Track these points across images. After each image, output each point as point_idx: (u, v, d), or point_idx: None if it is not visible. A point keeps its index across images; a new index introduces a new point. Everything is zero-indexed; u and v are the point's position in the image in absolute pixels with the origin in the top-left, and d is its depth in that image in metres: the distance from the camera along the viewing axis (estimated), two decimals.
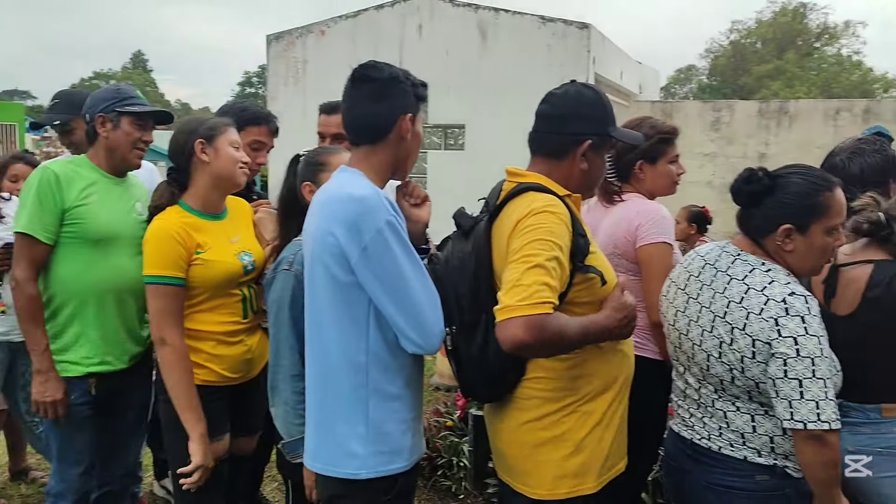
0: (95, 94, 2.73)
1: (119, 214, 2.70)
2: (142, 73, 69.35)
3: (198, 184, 2.52)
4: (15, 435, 3.89)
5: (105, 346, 2.69)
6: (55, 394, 2.61)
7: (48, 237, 2.58)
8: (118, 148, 2.70)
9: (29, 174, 3.73)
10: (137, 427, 3.00)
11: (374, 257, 1.75)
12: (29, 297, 2.58)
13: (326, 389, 1.88)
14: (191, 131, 2.50)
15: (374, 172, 1.90)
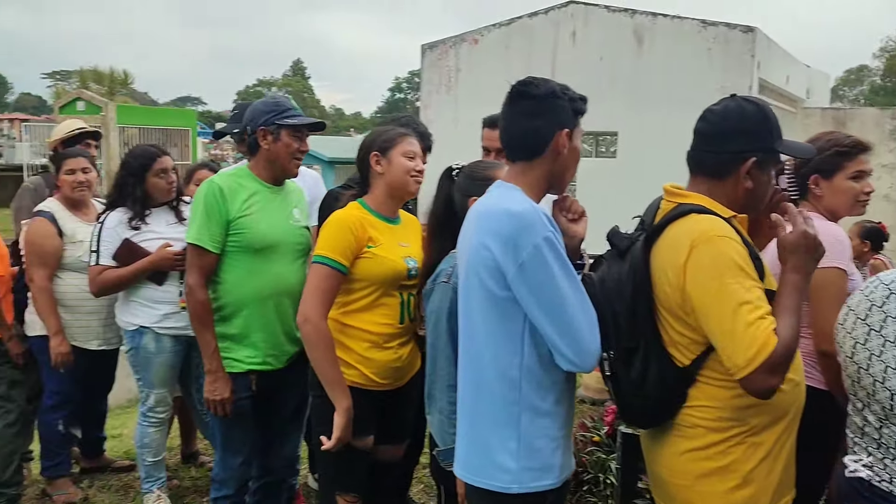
0: (255, 108, 2.87)
1: (278, 223, 2.88)
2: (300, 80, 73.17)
3: (375, 191, 2.64)
4: (187, 421, 4.20)
5: (265, 347, 2.87)
6: (223, 392, 2.81)
7: (215, 246, 2.78)
8: (278, 158, 2.85)
9: None
10: (294, 422, 3.17)
11: (531, 274, 1.75)
12: (199, 301, 2.79)
13: (479, 402, 1.89)
14: (369, 144, 2.63)
15: (530, 188, 1.89)
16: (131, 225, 3.40)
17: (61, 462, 3.85)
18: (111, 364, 3.98)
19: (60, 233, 3.63)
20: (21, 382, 3.67)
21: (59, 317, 3.60)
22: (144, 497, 3.62)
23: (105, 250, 3.38)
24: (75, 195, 3.70)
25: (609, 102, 6.13)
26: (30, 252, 3.63)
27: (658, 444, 1.95)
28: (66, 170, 3.69)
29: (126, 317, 3.45)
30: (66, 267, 3.64)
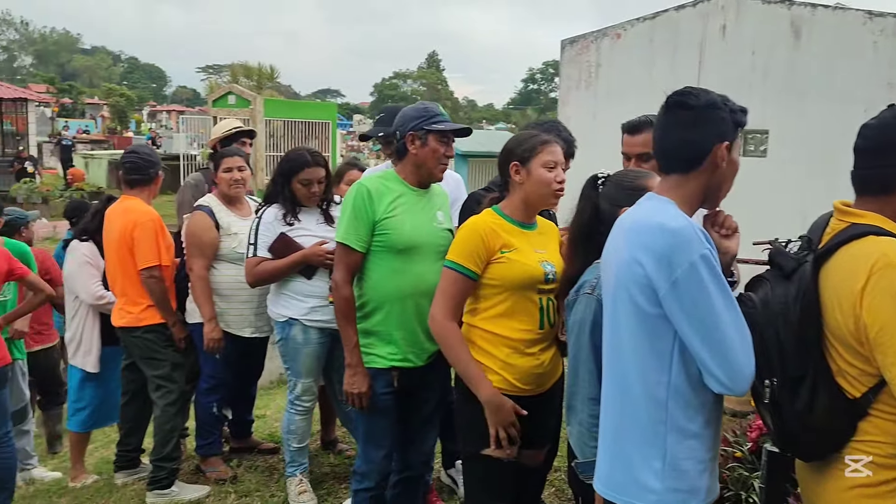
0: (405, 113, 2.96)
1: (422, 225, 2.94)
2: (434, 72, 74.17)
3: (513, 198, 2.65)
4: (328, 409, 4.38)
5: (406, 345, 2.95)
6: (361, 386, 2.91)
7: (361, 246, 2.88)
8: (425, 163, 2.92)
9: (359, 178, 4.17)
10: (433, 419, 3.23)
11: (685, 292, 1.69)
12: (344, 298, 2.91)
13: (623, 418, 1.85)
14: (510, 150, 2.62)
15: (684, 202, 1.83)
16: (286, 221, 3.57)
17: (214, 441, 4.12)
18: (261, 351, 4.22)
19: (217, 226, 3.87)
20: (181, 365, 3.96)
21: (213, 304, 3.84)
22: (287, 480, 3.80)
23: (262, 243, 3.57)
24: (231, 192, 3.93)
25: (760, 99, 5.82)
26: (190, 243, 3.89)
27: (821, 478, 1.84)
28: (224, 168, 3.92)
29: (277, 308, 3.63)
30: (222, 258, 3.88)
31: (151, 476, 3.87)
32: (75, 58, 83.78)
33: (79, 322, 4.33)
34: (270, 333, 3.98)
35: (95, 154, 26.72)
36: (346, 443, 4.46)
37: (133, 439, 4.21)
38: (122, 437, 4.21)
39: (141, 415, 4.16)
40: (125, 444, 4.19)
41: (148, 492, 3.85)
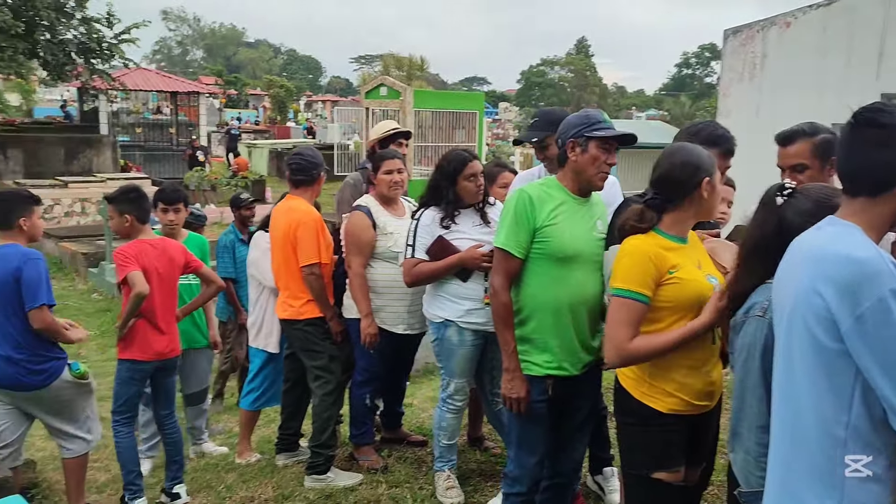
0: (568, 121, 2.95)
1: (582, 234, 2.92)
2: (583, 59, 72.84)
3: (685, 214, 2.54)
4: (476, 406, 4.44)
5: (562, 353, 2.94)
6: (520, 391, 2.94)
7: (521, 252, 2.89)
8: (585, 170, 2.89)
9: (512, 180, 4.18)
10: (584, 428, 3.22)
11: (872, 329, 1.57)
12: (503, 303, 2.94)
13: (795, 452, 1.74)
14: (698, 165, 2.50)
15: (871, 227, 1.70)
16: (443, 224, 3.65)
17: (366, 431, 4.30)
18: (413, 347, 4.34)
19: (374, 225, 4.01)
20: (338, 357, 4.15)
21: (370, 301, 3.99)
22: (436, 475, 3.90)
23: (420, 245, 3.66)
24: (390, 193, 4.06)
25: None
26: (349, 242, 4.06)
27: None
28: (384, 170, 4.05)
29: (433, 309, 3.72)
30: (378, 256, 4.02)
31: (310, 461, 4.09)
32: (240, 51, 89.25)
33: (261, 306, 4.64)
34: (423, 331, 4.09)
35: (258, 143, 28.40)
36: (493, 440, 4.51)
37: (293, 423, 4.46)
38: (283, 421, 4.47)
39: (300, 401, 4.40)
40: (286, 428, 4.45)
41: (306, 475, 4.07)
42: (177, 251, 4.16)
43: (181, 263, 4.15)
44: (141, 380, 4.10)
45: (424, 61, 29.27)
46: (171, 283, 4.11)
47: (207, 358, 5.20)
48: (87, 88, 22.63)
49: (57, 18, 18.77)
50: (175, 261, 4.10)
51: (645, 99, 71.98)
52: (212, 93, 33.37)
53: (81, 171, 19.65)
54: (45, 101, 41.57)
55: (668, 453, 2.54)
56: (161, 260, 4.03)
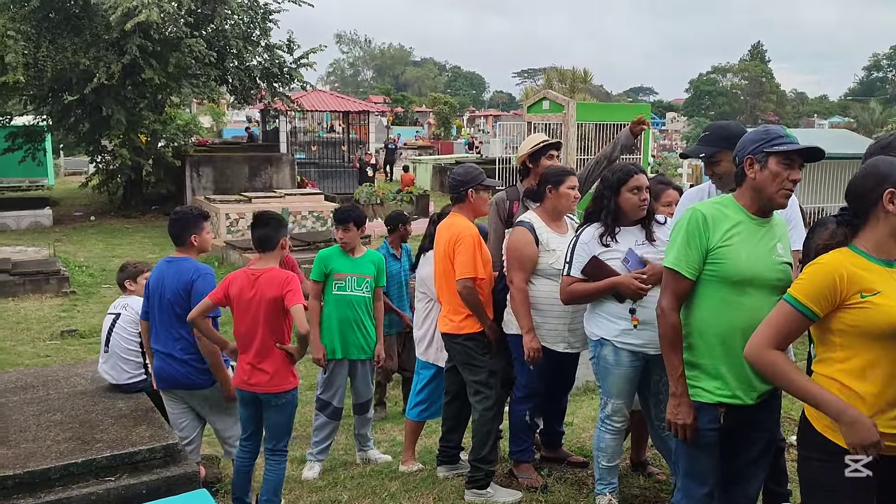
0: (746, 138, 2.83)
1: (760, 257, 2.76)
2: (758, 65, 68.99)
3: (877, 231, 2.36)
4: (640, 429, 4.30)
5: (735, 381, 2.80)
6: (686, 418, 2.82)
7: (692, 273, 2.78)
8: (764, 188, 2.74)
9: (677, 198, 4.05)
10: (760, 462, 3.03)
11: None
12: (671, 325, 2.83)
13: None
14: (882, 176, 2.33)
15: None
16: (602, 241, 3.58)
17: (526, 448, 4.27)
18: (573, 365, 4.29)
19: (537, 241, 4.00)
20: (497, 373, 4.17)
21: (531, 316, 3.98)
22: (597, 498, 3.81)
23: (576, 263, 3.62)
24: (571, 208, 4.02)
25: None
26: (511, 257, 4.07)
27: None
28: (568, 185, 4.02)
29: (591, 327, 3.67)
30: (540, 273, 4.00)
31: (470, 475, 4.13)
32: (407, 69, 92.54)
33: (431, 321, 4.78)
34: (582, 349, 4.03)
35: (422, 159, 29.32)
36: (657, 465, 4.35)
37: (454, 436, 4.53)
38: (444, 433, 4.55)
39: (461, 414, 4.46)
40: (447, 441, 4.52)
41: (466, 489, 4.11)
42: (270, 284, 3.96)
43: (271, 297, 3.95)
44: (243, 404, 4.19)
45: (588, 73, 28.81)
46: (255, 315, 3.98)
47: (372, 369, 5.41)
48: (269, 110, 24.39)
49: (244, 47, 20.46)
50: (264, 294, 3.95)
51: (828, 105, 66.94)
52: (380, 111, 34.83)
53: (263, 186, 21.20)
54: (232, 122, 45.26)
55: (855, 495, 2.33)
56: (249, 291, 4.01)
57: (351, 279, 5.08)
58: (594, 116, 18.05)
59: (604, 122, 17.92)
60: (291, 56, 21.67)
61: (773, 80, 68.86)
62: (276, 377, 4.01)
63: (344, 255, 5.12)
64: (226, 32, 20.12)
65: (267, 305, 3.96)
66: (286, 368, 4.05)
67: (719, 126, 3.60)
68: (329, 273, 5.04)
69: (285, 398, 4.07)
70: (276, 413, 4.10)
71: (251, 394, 4.08)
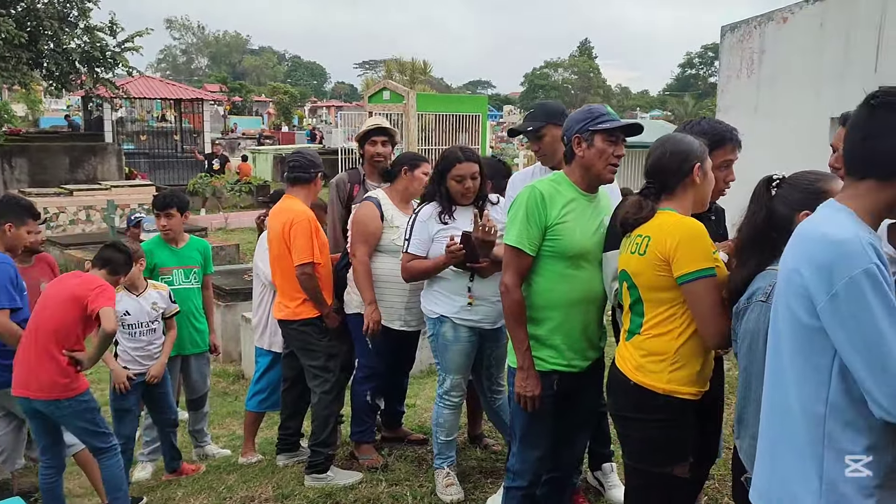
0: (571, 117, 2.96)
1: (590, 231, 2.91)
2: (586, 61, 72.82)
3: (684, 201, 2.55)
4: (475, 404, 4.44)
5: (570, 350, 2.95)
6: (534, 389, 2.92)
7: (533, 250, 2.88)
8: (593, 165, 2.88)
9: None
10: (586, 424, 3.24)
11: (844, 307, 1.59)
12: (516, 301, 2.92)
13: (782, 431, 1.77)
14: (688, 153, 2.53)
15: (869, 211, 1.71)
16: (441, 219, 3.67)
17: (367, 429, 4.30)
18: (412, 344, 4.35)
19: (382, 217, 4.02)
20: (336, 356, 4.15)
21: (373, 289, 3.98)
22: (435, 472, 3.90)
23: (415, 240, 3.69)
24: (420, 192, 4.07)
25: None
26: (355, 231, 4.06)
27: None
28: (423, 170, 4.08)
29: (429, 304, 3.74)
30: (382, 249, 4.02)
31: (309, 460, 4.09)
32: (245, 58, 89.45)
33: (265, 306, 4.66)
34: (420, 328, 4.10)
35: (262, 150, 28.49)
36: (493, 438, 4.51)
37: (293, 423, 4.46)
38: (283, 421, 4.48)
39: (300, 400, 4.40)
40: (286, 428, 4.45)
41: (306, 475, 4.07)
42: (72, 285, 3.84)
43: (69, 296, 3.79)
44: (28, 415, 3.95)
45: (427, 65, 29.27)
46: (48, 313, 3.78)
47: (207, 362, 5.22)
48: (91, 97, 22.75)
49: (60, 28, 18.86)
50: (62, 293, 3.82)
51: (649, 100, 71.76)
52: (216, 100, 33.45)
53: (86, 179, 19.73)
54: (51, 111, 41.84)
55: (683, 447, 2.53)
56: (52, 288, 3.92)
57: (178, 272, 4.88)
58: (435, 107, 18.35)
59: (444, 112, 18.31)
60: (115, 39, 20.22)
61: (601, 76, 73.00)
62: (55, 385, 3.74)
63: (166, 247, 4.90)
64: (38, 12, 18.49)
65: (63, 305, 3.74)
66: (67, 375, 3.76)
67: (543, 104, 3.78)
68: (153, 269, 4.80)
69: (70, 405, 3.79)
70: (70, 419, 3.84)
71: (27, 400, 3.79)
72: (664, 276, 2.43)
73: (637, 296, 2.56)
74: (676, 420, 2.49)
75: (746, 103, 6.77)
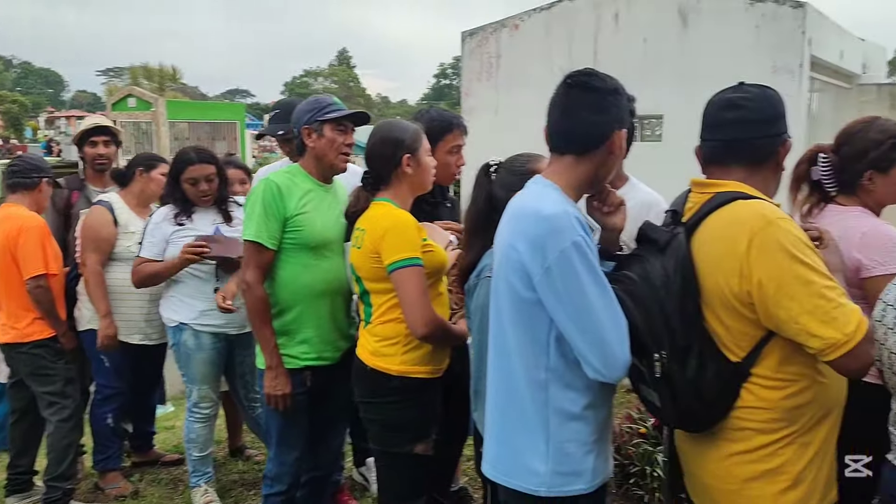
0: (299, 109, 2.92)
1: (331, 221, 2.90)
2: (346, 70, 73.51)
3: (400, 189, 2.60)
4: (234, 415, 4.26)
5: (320, 343, 2.90)
6: (284, 388, 2.84)
7: (273, 244, 2.80)
8: (325, 155, 2.87)
9: (241, 177, 4.07)
10: (342, 418, 3.20)
11: (557, 279, 1.70)
12: (259, 298, 2.81)
13: (509, 401, 1.86)
14: (398, 142, 2.57)
15: (572, 185, 1.84)
16: (177, 221, 3.47)
17: (112, 456, 3.94)
18: (157, 360, 4.04)
19: (116, 222, 3.71)
20: (74, 379, 3.76)
21: (108, 301, 3.68)
22: (192, 491, 3.68)
23: (147, 243, 3.46)
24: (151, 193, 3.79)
25: (654, 85, 5.96)
26: (85, 237, 3.72)
27: (701, 449, 1.88)
28: (160, 171, 3.81)
29: (167, 312, 3.53)
30: (116, 257, 3.72)
31: (45, 497, 3.66)
32: None
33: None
34: (164, 341, 3.83)
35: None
36: (255, 448, 4.35)
37: (24, 460, 3.95)
38: (12, 458, 3.95)
39: (31, 434, 3.91)
40: (15, 467, 3.94)
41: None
42: None
43: None
44: None
45: (177, 71, 27.96)
46: None
47: None
48: None
49: None
50: None
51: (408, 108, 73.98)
52: None
53: None
54: None
55: (424, 426, 2.58)
56: None
57: None
58: (188, 115, 17.55)
59: (199, 120, 17.51)
60: None
61: (360, 85, 74.03)
62: None
63: None
64: None
65: None
66: None
67: (286, 103, 3.72)
68: None
69: None
70: None
71: None
72: (379, 268, 2.48)
73: (363, 287, 2.60)
74: (412, 399, 2.54)
75: (488, 105, 7.16)
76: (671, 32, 6.33)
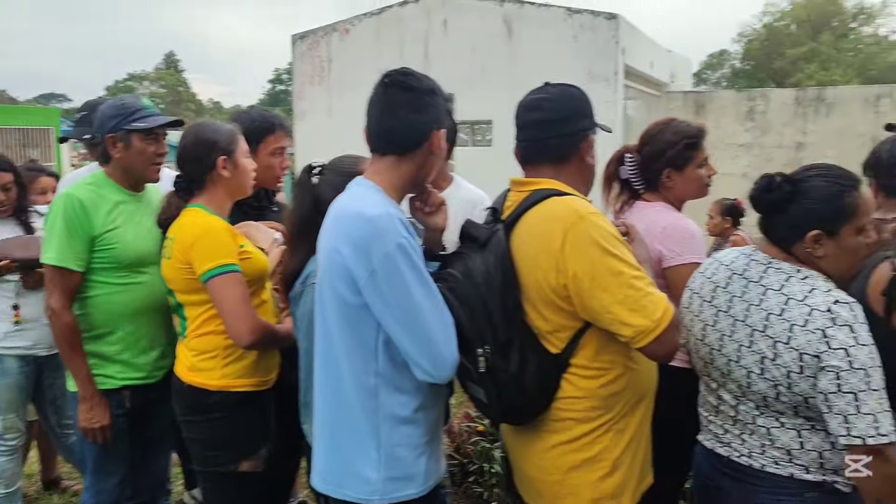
0: (102, 112, 2.62)
1: (144, 233, 2.65)
2: (174, 74, 70.14)
3: (216, 193, 2.44)
4: (46, 444, 3.90)
5: (140, 361, 2.68)
6: (102, 419, 2.60)
7: (80, 265, 2.54)
8: (134, 166, 2.64)
9: (53, 185, 3.75)
10: (166, 439, 2.99)
11: (383, 281, 1.68)
12: (66, 325, 2.55)
13: (338, 411, 1.82)
14: (211, 144, 2.41)
15: (393, 187, 1.82)
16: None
17: None
18: None
19: None
20: None
21: None
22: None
23: None
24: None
25: (483, 91, 6.15)
26: None
27: (526, 442, 1.93)
28: None
29: None
30: None
31: None
32: None
33: None
34: None
35: None
36: (72, 478, 4.01)
37: None
38: None
39: None
40: None
41: None
42: None
43: None
44: None
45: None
46: None
47: None
48: None
49: None
50: None
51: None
52: None
53: None
54: None
55: (249, 442, 2.45)
56: None
57: None
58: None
59: (6, 126, 16.05)
60: None
61: (190, 90, 70.92)
62: None
63: None
64: None
65: None
66: None
67: (93, 104, 3.43)
68: None
69: None
70: None
71: None
72: (192, 279, 2.32)
73: (176, 300, 2.43)
74: (235, 415, 2.41)
75: (321, 108, 7.10)
76: (497, 40, 6.56)
